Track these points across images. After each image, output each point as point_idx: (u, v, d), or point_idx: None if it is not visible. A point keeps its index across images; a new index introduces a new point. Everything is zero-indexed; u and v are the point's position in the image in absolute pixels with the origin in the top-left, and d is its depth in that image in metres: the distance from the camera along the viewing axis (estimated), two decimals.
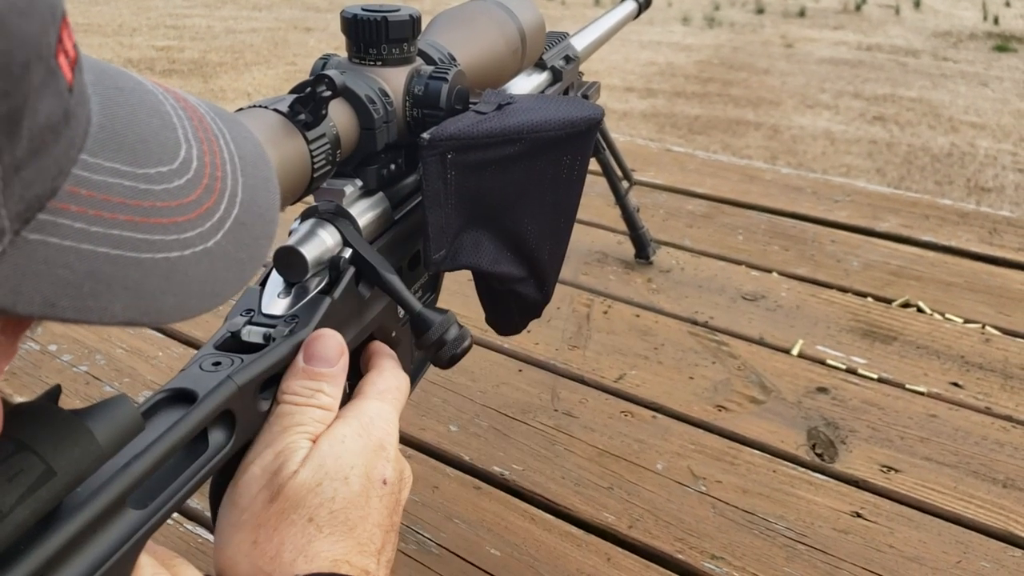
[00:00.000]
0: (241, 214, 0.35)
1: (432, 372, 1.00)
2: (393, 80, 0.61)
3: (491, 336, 0.75)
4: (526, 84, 0.92)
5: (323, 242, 0.57)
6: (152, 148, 0.32)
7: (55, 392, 0.39)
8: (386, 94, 0.61)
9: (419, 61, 0.64)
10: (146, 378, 1.06)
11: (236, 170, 0.37)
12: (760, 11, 6.86)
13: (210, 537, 0.83)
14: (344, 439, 0.48)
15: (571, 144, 0.64)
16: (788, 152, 3.93)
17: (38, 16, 0.25)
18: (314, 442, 0.48)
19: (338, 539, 0.46)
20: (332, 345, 0.50)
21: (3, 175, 0.25)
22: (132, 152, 0.31)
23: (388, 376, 0.54)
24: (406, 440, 0.94)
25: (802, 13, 6.74)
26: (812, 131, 4.20)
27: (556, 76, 0.96)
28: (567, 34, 1.03)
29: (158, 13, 6.55)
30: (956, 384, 1.04)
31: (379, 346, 0.58)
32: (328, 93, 0.52)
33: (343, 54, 0.63)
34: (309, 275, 0.56)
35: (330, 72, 0.52)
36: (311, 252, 0.56)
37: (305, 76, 0.56)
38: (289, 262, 0.55)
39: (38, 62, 0.25)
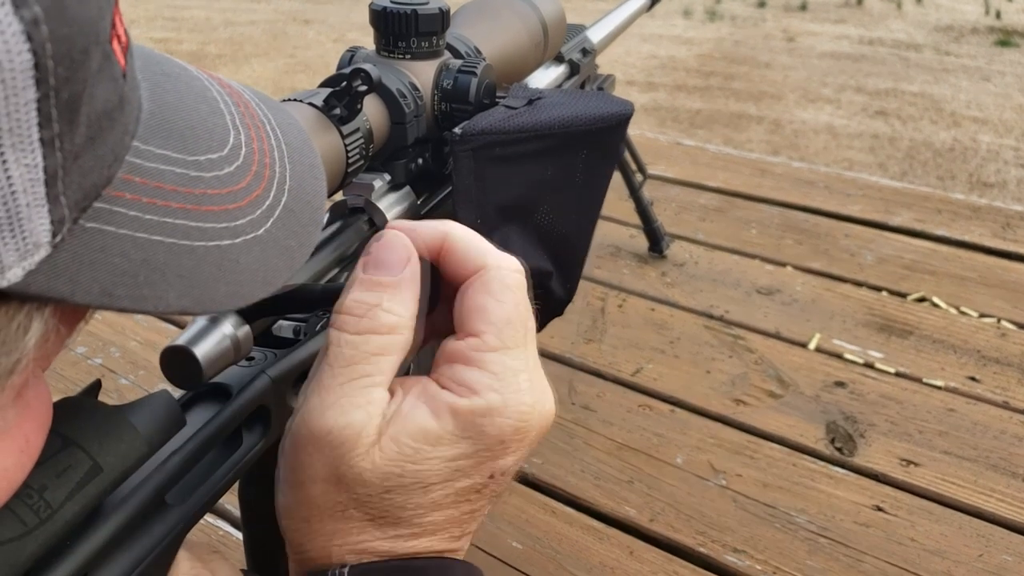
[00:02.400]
0: (290, 201, 0.35)
1: None
2: (422, 74, 0.61)
3: None
4: (544, 77, 0.91)
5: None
6: (201, 135, 0.32)
7: (95, 387, 0.39)
8: (416, 88, 0.60)
9: (447, 55, 0.64)
10: (161, 371, 1.05)
11: (283, 157, 0.36)
12: (761, 5, 6.84)
13: (230, 530, 0.83)
14: (440, 440, 0.37)
15: (601, 139, 0.64)
16: (790, 146, 3.92)
17: (95, 0, 0.25)
18: (391, 393, 0.38)
19: (400, 532, 0.38)
20: (396, 247, 0.39)
21: (63, 163, 0.24)
22: (182, 139, 0.31)
23: (501, 293, 0.38)
24: None
25: (803, 7, 6.73)
26: (814, 125, 4.20)
27: (573, 69, 0.96)
28: (583, 27, 1.03)
29: (156, 4, 6.53)
30: (973, 378, 1.04)
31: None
32: (364, 88, 0.52)
33: (342, 47, 0.63)
34: (337, 270, 0.56)
35: (365, 66, 0.52)
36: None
37: (305, 69, 0.56)
38: None
39: (96, 47, 0.25)
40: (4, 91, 0.22)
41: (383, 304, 0.38)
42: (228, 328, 0.42)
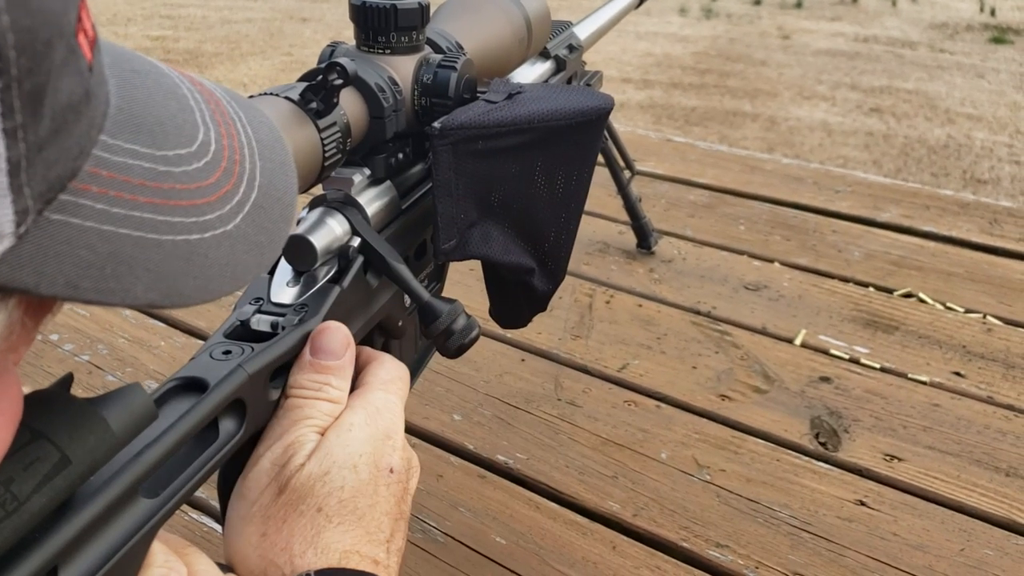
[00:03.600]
0: (260, 198, 0.35)
1: (435, 361, 1.00)
2: (402, 68, 0.61)
3: (493, 326, 0.75)
4: (530, 73, 0.91)
5: (332, 231, 0.57)
6: (170, 130, 0.32)
7: (67, 380, 0.39)
8: (395, 82, 0.61)
9: (427, 49, 0.64)
10: (148, 367, 1.06)
11: (254, 153, 0.36)
12: (757, 2, 6.85)
13: (214, 526, 0.83)
14: (352, 427, 0.48)
15: (581, 133, 0.64)
16: (785, 144, 3.92)
17: None
18: (322, 434, 0.48)
19: (347, 529, 0.46)
20: (338, 338, 0.50)
21: (27, 153, 0.24)
22: (151, 134, 0.31)
23: (390, 367, 0.54)
24: (410, 429, 0.94)
25: (799, 4, 6.73)
26: (809, 123, 4.20)
27: (560, 65, 0.96)
28: (570, 23, 1.03)
29: (153, 3, 6.52)
30: (958, 374, 1.04)
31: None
32: (340, 81, 0.52)
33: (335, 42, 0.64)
34: (318, 264, 0.56)
35: (342, 60, 0.52)
36: (320, 241, 0.56)
37: (301, 67, 0.56)
38: (298, 251, 0.55)
39: (60, 40, 0.25)
40: None
41: (332, 383, 0.49)
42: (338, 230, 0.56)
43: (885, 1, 6.79)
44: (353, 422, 0.48)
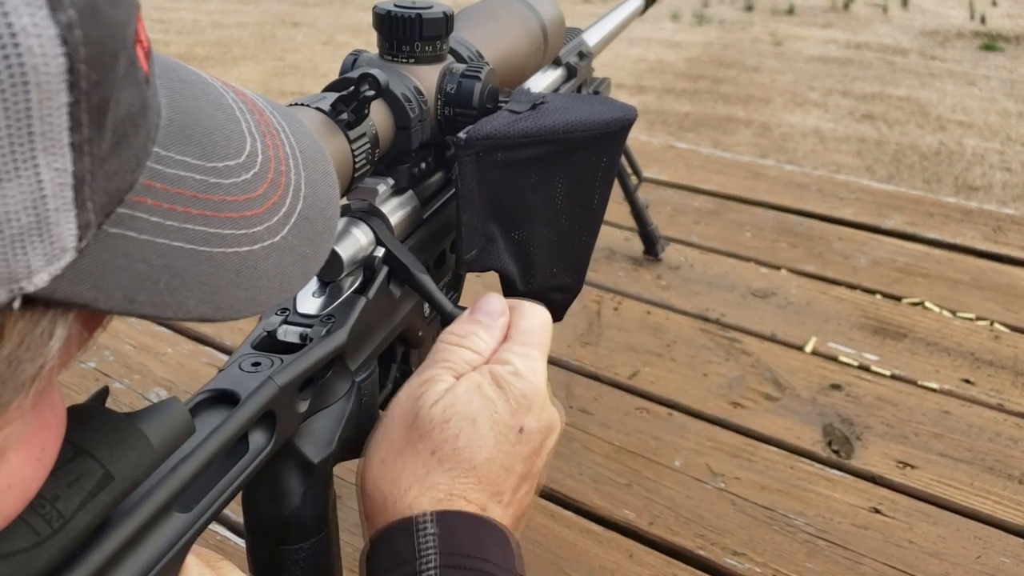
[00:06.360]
0: (305, 208, 0.35)
1: None
2: (426, 78, 0.61)
3: None
4: (542, 81, 0.92)
5: (357, 241, 0.57)
6: (219, 141, 0.32)
7: (103, 394, 0.38)
8: (420, 92, 0.61)
9: (450, 59, 0.64)
10: (156, 374, 1.05)
11: (298, 164, 0.36)
12: (749, 8, 6.87)
13: (229, 535, 0.83)
14: (480, 386, 0.50)
15: (604, 144, 0.64)
16: (778, 150, 3.94)
17: (124, 4, 0.25)
18: (458, 379, 0.51)
19: (457, 475, 0.48)
20: (497, 304, 0.55)
21: (91, 168, 0.24)
22: (200, 145, 0.31)
23: (530, 315, 0.56)
24: None
25: (791, 11, 6.76)
26: (802, 129, 4.22)
27: (571, 72, 0.96)
28: (580, 30, 1.03)
29: (144, 6, 6.43)
30: (968, 381, 1.05)
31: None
32: (371, 93, 0.52)
33: (331, 49, 0.63)
34: (344, 275, 0.56)
35: (373, 71, 0.52)
36: (346, 251, 0.56)
37: (293, 71, 0.56)
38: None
39: (123, 52, 0.25)
40: (39, 95, 0.22)
41: (479, 334, 0.54)
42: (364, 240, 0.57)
43: (876, 8, 6.83)
44: (482, 382, 0.50)
